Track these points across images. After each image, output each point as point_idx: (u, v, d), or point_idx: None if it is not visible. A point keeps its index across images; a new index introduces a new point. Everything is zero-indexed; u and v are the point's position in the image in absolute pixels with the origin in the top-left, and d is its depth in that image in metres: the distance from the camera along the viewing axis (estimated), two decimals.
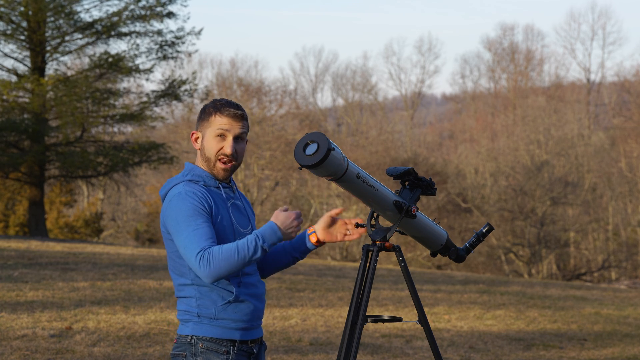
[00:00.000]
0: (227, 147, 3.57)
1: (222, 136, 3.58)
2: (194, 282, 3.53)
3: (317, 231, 3.76)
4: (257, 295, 3.60)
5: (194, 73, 27.75)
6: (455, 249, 4.01)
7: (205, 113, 3.62)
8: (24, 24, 24.78)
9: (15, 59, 25.49)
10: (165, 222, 3.51)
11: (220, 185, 3.61)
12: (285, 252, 3.83)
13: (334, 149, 3.48)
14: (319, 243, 3.76)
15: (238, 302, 3.54)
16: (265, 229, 3.42)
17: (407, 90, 57.46)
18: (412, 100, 57.02)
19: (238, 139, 3.60)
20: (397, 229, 3.80)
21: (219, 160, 3.58)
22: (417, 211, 3.78)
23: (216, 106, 3.60)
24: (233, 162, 3.60)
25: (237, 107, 3.60)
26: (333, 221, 3.76)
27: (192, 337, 3.53)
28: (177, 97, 26.58)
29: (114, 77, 25.84)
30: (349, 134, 49.53)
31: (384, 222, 3.86)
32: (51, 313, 9.61)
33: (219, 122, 3.58)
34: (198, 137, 3.64)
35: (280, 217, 3.46)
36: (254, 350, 3.61)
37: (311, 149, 3.49)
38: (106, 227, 37.11)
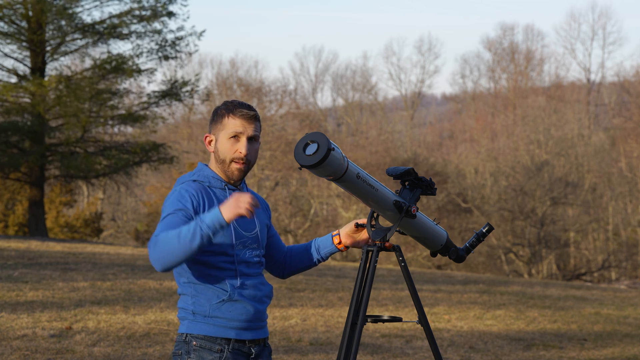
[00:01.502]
0: (242, 148, 3.57)
1: (235, 137, 3.58)
2: (189, 281, 3.54)
3: (340, 234, 3.85)
4: (256, 296, 3.59)
5: (197, 75, 27.72)
6: (455, 249, 4.01)
7: (218, 115, 3.61)
8: (24, 24, 24.79)
9: (16, 59, 25.51)
10: None
11: (226, 187, 3.61)
12: (308, 252, 3.88)
13: (334, 149, 3.48)
14: (342, 246, 3.84)
15: (233, 302, 3.53)
16: (208, 213, 3.33)
17: (407, 90, 57.52)
18: (412, 100, 57.03)
19: (251, 139, 3.60)
20: (397, 229, 3.80)
21: (234, 161, 3.58)
22: (417, 211, 3.78)
23: (228, 108, 3.60)
24: (247, 163, 3.61)
25: (250, 108, 3.61)
26: (358, 229, 3.85)
27: (186, 335, 3.54)
28: (178, 98, 26.57)
29: (115, 78, 25.83)
30: (349, 134, 49.56)
31: (384, 222, 3.86)
32: (51, 313, 9.61)
33: (232, 124, 3.58)
34: (212, 140, 3.63)
35: (225, 201, 3.35)
36: (253, 351, 3.59)
37: (311, 149, 3.49)
38: (106, 227, 37.12)
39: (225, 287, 3.52)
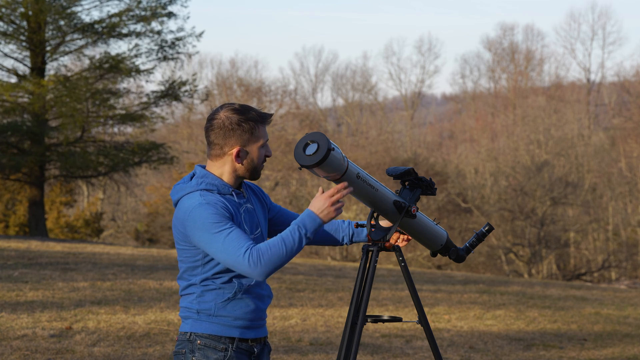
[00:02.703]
0: (269, 150, 3.64)
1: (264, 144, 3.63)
2: (197, 282, 3.54)
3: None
4: (259, 295, 3.61)
5: (194, 75, 27.73)
6: (455, 249, 4.01)
7: (245, 127, 3.56)
8: (24, 24, 24.79)
9: (15, 59, 25.51)
10: (191, 236, 3.47)
11: (232, 192, 3.60)
12: (342, 231, 3.95)
13: (333, 149, 3.48)
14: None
15: (237, 300, 3.55)
16: (304, 218, 3.47)
17: (407, 90, 57.49)
18: (412, 100, 57.01)
19: None
20: (397, 229, 3.80)
21: (262, 163, 3.64)
22: (417, 211, 3.78)
23: (256, 118, 3.59)
24: None
25: (268, 114, 3.64)
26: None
27: (190, 334, 3.55)
28: (177, 98, 26.58)
29: (114, 78, 25.84)
30: (349, 134, 49.52)
31: (384, 222, 3.86)
32: (51, 313, 9.61)
33: (262, 132, 3.61)
34: (245, 153, 3.59)
35: (315, 204, 3.49)
36: (255, 350, 3.61)
37: (311, 149, 3.49)
38: (106, 227, 37.11)
39: (233, 285, 3.53)
